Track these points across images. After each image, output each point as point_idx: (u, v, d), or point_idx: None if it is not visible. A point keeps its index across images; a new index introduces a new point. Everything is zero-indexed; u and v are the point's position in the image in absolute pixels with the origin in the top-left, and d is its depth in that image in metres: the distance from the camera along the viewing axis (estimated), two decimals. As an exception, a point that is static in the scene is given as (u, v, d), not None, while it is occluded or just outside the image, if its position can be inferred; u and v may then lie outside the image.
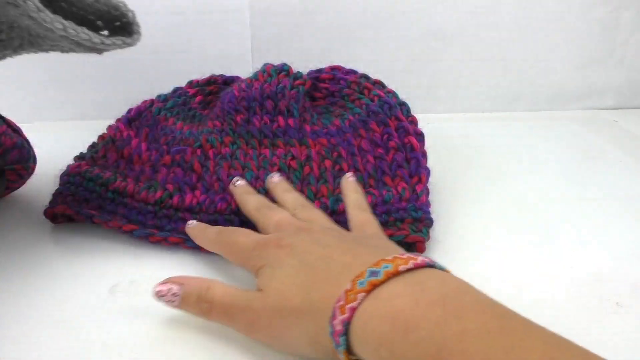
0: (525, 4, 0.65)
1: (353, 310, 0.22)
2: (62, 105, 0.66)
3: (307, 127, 0.45)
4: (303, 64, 0.50)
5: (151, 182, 0.41)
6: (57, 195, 0.41)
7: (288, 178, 0.41)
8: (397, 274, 0.23)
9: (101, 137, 0.46)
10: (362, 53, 0.65)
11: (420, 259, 0.24)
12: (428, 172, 0.41)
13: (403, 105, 0.44)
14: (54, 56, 0.63)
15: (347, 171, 0.41)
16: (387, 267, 0.23)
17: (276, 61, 0.48)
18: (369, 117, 0.44)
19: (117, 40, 0.34)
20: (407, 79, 0.50)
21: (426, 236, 0.37)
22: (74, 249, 0.38)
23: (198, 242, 0.35)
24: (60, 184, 0.42)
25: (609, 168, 0.53)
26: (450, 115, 0.69)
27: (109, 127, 0.46)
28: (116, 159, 0.44)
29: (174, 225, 0.38)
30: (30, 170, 0.43)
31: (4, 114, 0.43)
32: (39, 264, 0.36)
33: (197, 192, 0.40)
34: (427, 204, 0.39)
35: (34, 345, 0.29)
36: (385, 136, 0.42)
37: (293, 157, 0.43)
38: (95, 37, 0.32)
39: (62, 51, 0.35)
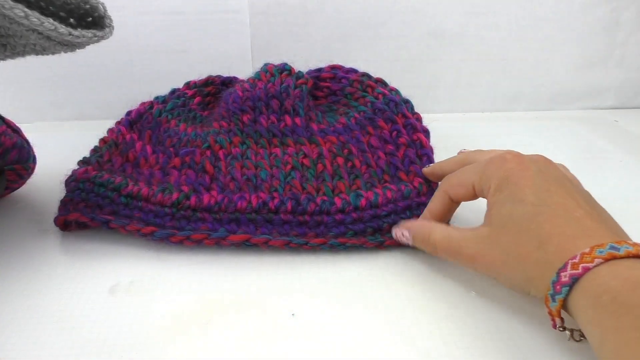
0: (525, 4, 0.65)
1: (586, 269, 0.24)
2: (62, 105, 0.66)
3: (314, 126, 0.45)
4: (303, 64, 0.50)
5: (164, 184, 0.40)
6: (67, 203, 0.40)
7: (302, 176, 0.41)
8: (636, 256, 0.24)
9: (103, 140, 0.46)
10: (362, 53, 0.65)
11: None
12: None
13: (407, 102, 0.45)
14: (53, 56, 0.63)
15: (360, 168, 0.42)
16: (628, 247, 0.24)
17: (276, 61, 0.48)
18: (375, 114, 0.44)
19: (88, 32, 0.33)
20: (407, 79, 0.50)
21: None
22: (74, 249, 0.38)
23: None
24: (67, 190, 0.41)
25: (609, 168, 0.53)
26: (450, 115, 0.69)
27: (110, 131, 0.46)
28: (122, 163, 0.44)
29: (194, 225, 0.38)
30: (30, 170, 0.43)
31: (4, 114, 0.43)
32: (38, 264, 0.36)
33: (214, 192, 0.40)
34: None
35: (34, 345, 0.29)
36: (394, 133, 0.43)
37: (305, 156, 0.43)
38: (61, 28, 0.31)
39: (36, 52, 0.34)
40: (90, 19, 0.36)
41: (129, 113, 0.47)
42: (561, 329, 0.26)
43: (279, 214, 0.38)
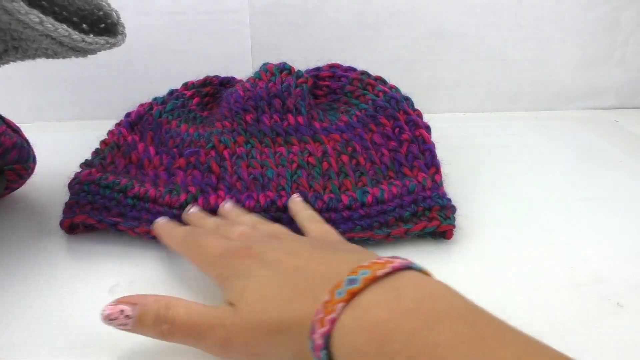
0: (525, 4, 0.65)
1: (333, 322, 0.21)
2: (62, 105, 0.66)
3: (317, 124, 0.45)
4: (303, 64, 0.50)
5: (171, 186, 0.40)
6: (73, 205, 0.40)
7: (309, 174, 0.41)
8: (375, 279, 0.22)
9: (104, 142, 0.45)
10: (362, 53, 0.65)
11: (397, 261, 0.23)
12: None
13: (407, 99, 0.45)
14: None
15: (364, 165, 0.42)
16: (364, 273, 0.22)
17: (276, 61, 0.48)
18: (377, 112, 0.45)
19: (100, 39, 0.33)
20: (407, 79, 0.50)
21: (454, 223, 0.38)
22: (74, 249, 0.38)
23: (164, 241, 0.34)
24: (72, 193, 0.41)
25: (609, 168, 0.53)
26: (450, 115, 0.69)
27: (111, 133, 0.46)
28: (125, 164, 0.44)
29: None
30: (30, 170, 0.43)
31: (4, 114, 0.43)
32: (38, 264, 0.36)
33: (221, 193, 0.40)
34: (445, 192, 0.41)
35: (35, 345, 0.29)
36: (397, 129, 0.43)
37: (310, 154, 0.43)
38: (75, 35, 0.31)
39: (47, 55, 0.34)
40: (103, 25, 0.36)
41: (128, 115, 0.47)
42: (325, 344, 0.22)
43: (287, 212, 0.38)
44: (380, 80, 0.48)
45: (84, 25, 0.36)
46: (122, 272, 0.35)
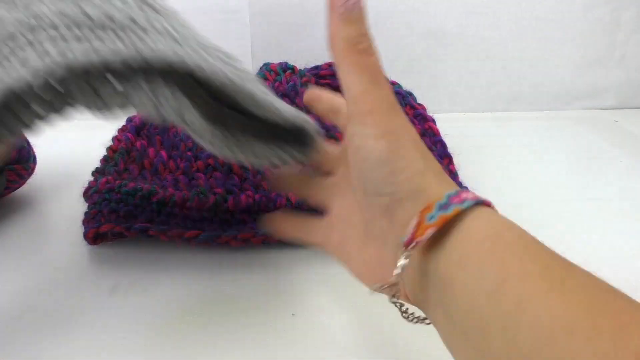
0: (525, 4, 0.65)
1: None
2: (62, 105, 0.66)
3: (327, 121, 0.45)
4: (303, 64, 0.50)
5: (197, 188, 0.39)
6: (95, 215, 0.38)
7: None
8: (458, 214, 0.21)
9: (111, 149, 0.44)
10: (362, 53, 0.65)
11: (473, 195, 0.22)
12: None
13: (411, 94, 0.46)
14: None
15: None
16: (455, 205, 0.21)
17: (276, 61, 0.48)
18: None
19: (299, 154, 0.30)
20: (407, 79, 0.50)
21: None
22: (75, 249, 0.38)
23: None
24: (90, 202, 0.39)
25: (609, 168, 0.53)
26: (450, 115, 0.69)
27: (116, 139, 0.45)
28: (140, 170, 0.43)
29: (235, 227, 0.37)
30: (30, 170, 0.43)
31: (4, 114, 0.43)
32: (38, 264, 0.36)
33: (249, 192, 0.39)
34: (462, 182, 0.41)
35: (35, 345, 0.29)
36: None
37: None
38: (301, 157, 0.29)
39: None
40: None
41: (130, 119, 0.46)
42: (412, 250, 0.21)
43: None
44: None
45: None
46: (122, 273, 0.35)
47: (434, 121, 0.44)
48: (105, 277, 0.35)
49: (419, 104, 0.45)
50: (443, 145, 0.43)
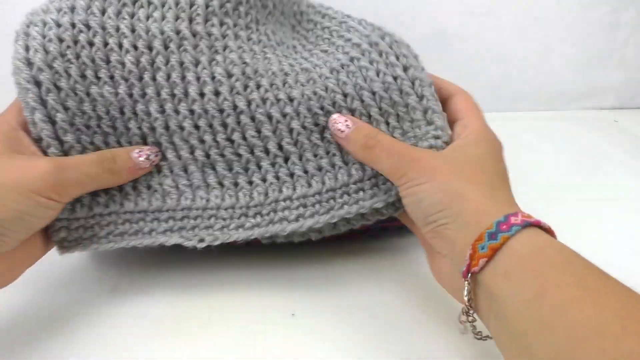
0: (525, 4, 0.65)
1: (538, 223, 0.25)
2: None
3: None
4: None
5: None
6: None
7: None
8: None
9: None
10: (362, 53, 0.65)
11: (534, 219, 0.25)
12: None
13: None
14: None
15: None
16: (514, 228, 0.24)
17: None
18: None
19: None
20: (407, 79, 0.50)
21: None
22: (74, 249, 0.38)
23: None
24: None
25: (609, 168, 0.53)
26: (450, 115, 0.69)
27: None
28: None
29: None
30: (30, 171, 0.43)
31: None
32: (39, 264, 0.36)
33: None
34: None
35: (35, 344, 0.29)
36: None
37: None
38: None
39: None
40: None
41: None
42: (475, 271, 0.24)
43: None
44: None
45: None
46: (122, 272, 0.35)
47: None
48: (105, 277, 0.35)
49: None
50: None
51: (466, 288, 0.25)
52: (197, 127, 0.32)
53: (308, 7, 0.41)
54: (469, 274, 0.24)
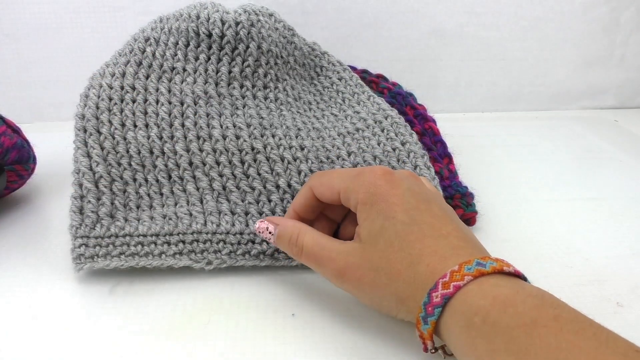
0: (525, 4, 0.65)
1: (457, 288, 0.24)
2: (62, 105, 0.66)
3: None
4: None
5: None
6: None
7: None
8: (500, 271, 0.25)
9: None
10: (362, 53, 0.65)
11: (516, 269, 0.26)
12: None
13: (411, 95, 0.46)
14: (53, 56, 0.63)
15: None
16: (493, 263, 0.25)
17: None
18: None
19: None
20: (407, 79, 0.50)
21: (476, 209, 0.40)
22: (74, 249, 0.38)
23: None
24: None
25: (609, 168, 0.53)
26: (450, 115, 0.69)
27: None
28: None
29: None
30: (30, 170, 0.43)
31: (4, 114, 0.43)
32: (39, 264, 0.36)
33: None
34: (461, 181, 0.42)
35: (35, 344, 0.29)
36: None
37: None
38: None
39: None
40: None
41: None
42: (433, 350, 0.26)
43: None
44: (382, 77, 0.49)
45: None
46: (122, 272, 0.35)
47: (434, 121, 0.44)
48: (105, 277, 0.35)
49: (419, 104, 0.45)
50: (443, 145, 0.43)
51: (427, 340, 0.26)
52: (218, 162, 0.37)
53: (329, 64, 0.48)
54: (419, 333, 0.26)
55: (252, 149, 0.37)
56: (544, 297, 0.23)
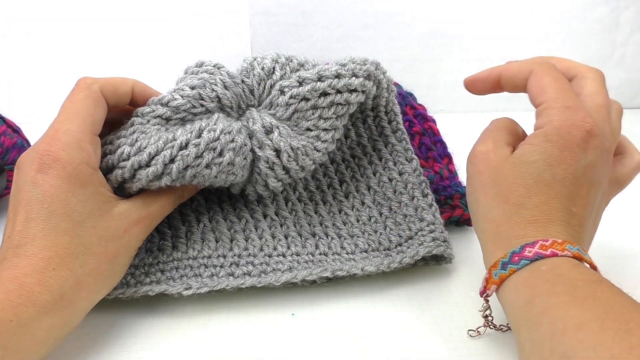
0: (525, 4, 0.65)
1: (554, 254, 0.25)
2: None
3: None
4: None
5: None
6: None
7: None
8: (593, 266, 0.26)
9: None
10: (362, 53, 0.65)
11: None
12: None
13: (411, 95, 0.46)
14: (53, 56, 0.63)
15: None
16: (588, 257, 0.26)
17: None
18: None
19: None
20: (407, 79, 0.50)
21: None
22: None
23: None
24: None
25: (609, 168, 0.53)
26: (450, 115, 0.69)
27: None
28: None
29: None
30: (30, 170, 0.43)
31: (4, 114, 0.43)
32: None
33: None
34: (462, 181, 0.41)
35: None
36: (406, 124, 0.43)
37: None
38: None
39: None
40: None
41: None
42: (487, 299, 0.28)
43: None
44: None
45: None
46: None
47: (434, 121, 0.44)
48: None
49: (419, 104, 0.45)
50: (443, 145, 0.43)
51: (482, 305, 0.28)
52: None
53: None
54: (484, 296, 0.28)
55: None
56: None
